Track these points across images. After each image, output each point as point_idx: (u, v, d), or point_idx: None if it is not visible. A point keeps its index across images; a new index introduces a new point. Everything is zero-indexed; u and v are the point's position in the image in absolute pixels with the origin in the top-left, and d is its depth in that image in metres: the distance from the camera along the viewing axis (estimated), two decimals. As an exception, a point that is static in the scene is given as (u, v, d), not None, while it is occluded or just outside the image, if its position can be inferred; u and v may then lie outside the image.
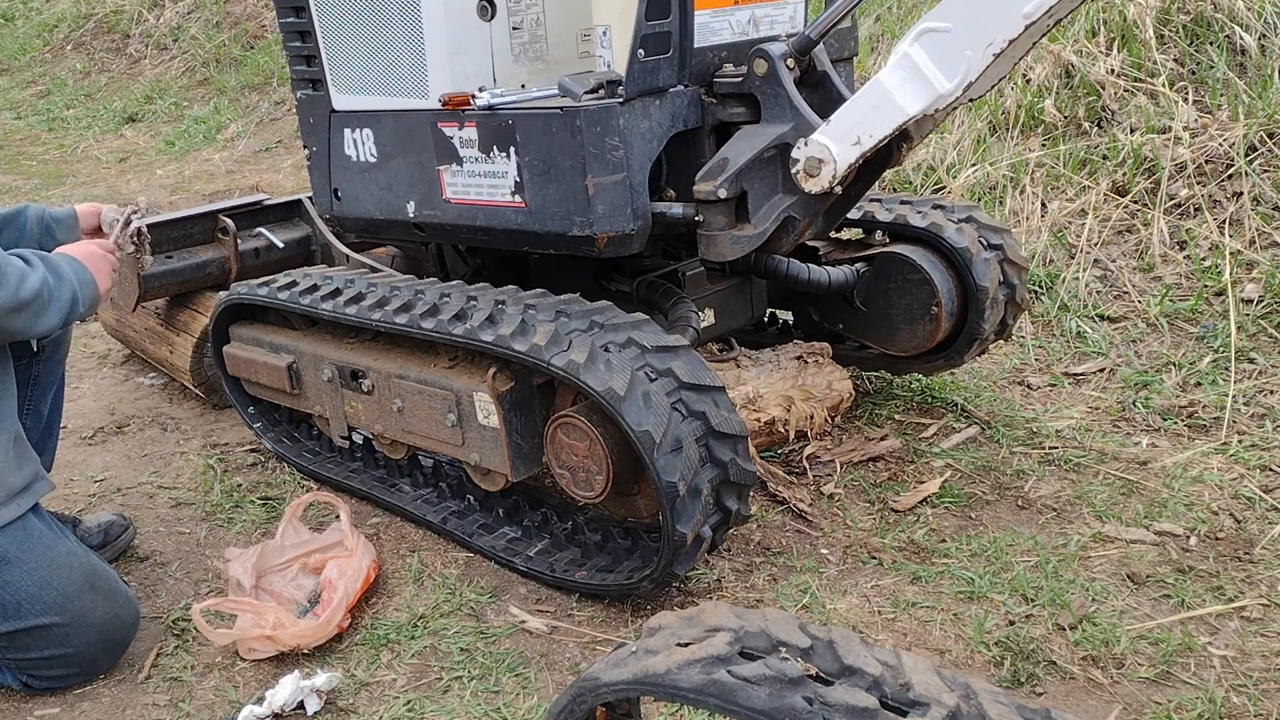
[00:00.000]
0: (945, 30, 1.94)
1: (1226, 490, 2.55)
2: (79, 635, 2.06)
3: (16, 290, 2.00)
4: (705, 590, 2.29)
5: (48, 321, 2.09)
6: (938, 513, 2.55)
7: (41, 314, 2.07)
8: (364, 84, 2.58)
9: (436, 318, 2.25)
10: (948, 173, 4.26)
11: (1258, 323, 3.26)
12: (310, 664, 2.13)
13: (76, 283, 2.16)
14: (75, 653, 2.08)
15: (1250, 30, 3.98)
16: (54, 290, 2.10)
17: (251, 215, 3.63)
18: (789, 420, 2.73)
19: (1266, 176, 3.62)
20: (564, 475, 2.18)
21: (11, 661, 2.08)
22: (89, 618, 2.08)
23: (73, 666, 2.10)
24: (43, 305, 2.06)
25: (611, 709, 1.16)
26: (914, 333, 2.79)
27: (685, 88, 2.30)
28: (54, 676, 2.10)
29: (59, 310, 2.10)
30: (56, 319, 2.11)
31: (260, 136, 7.50)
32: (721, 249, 2.30)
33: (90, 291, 2.19)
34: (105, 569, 2.17)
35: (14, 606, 2.02)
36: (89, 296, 2.18)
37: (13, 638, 2.03)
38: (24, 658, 2.06)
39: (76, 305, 2.14)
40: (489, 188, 2.40)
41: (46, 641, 2.05)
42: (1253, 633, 2.07)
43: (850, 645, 1.01)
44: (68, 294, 2.12)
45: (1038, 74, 4.28)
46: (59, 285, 2.11)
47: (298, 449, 2.98)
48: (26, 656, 2.06)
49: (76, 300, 2.14)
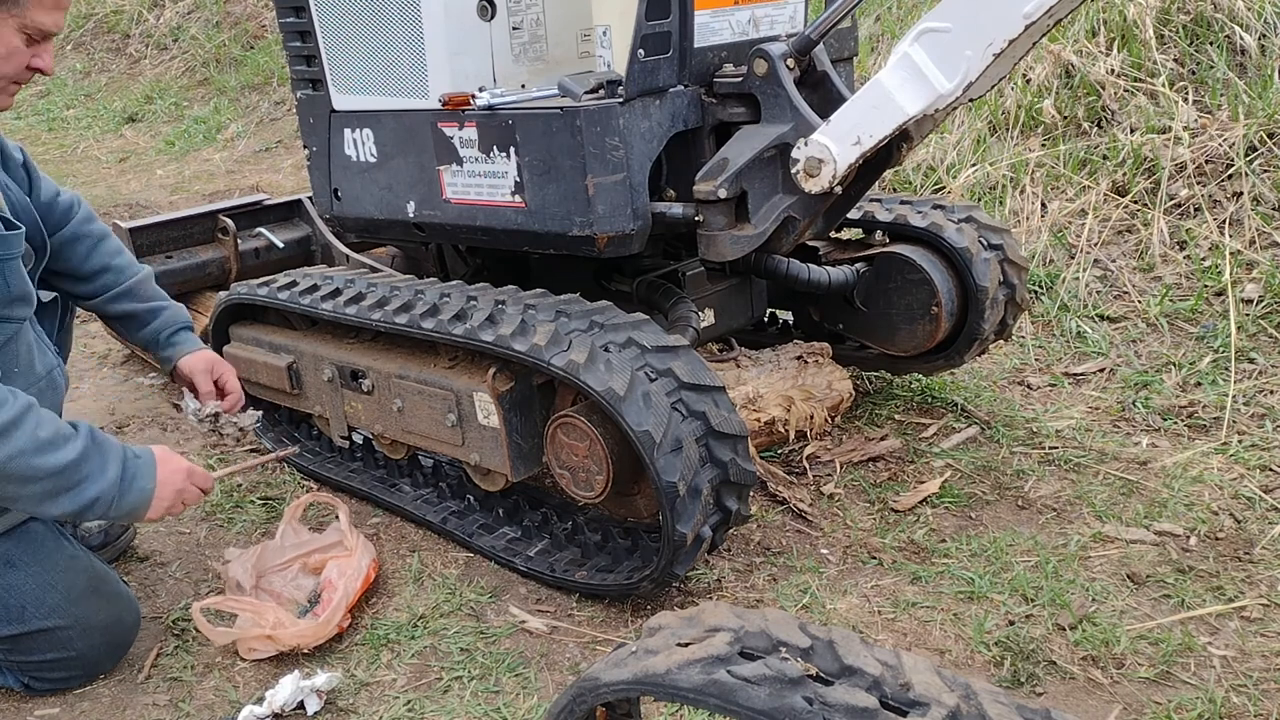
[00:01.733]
0: (945, 30, 1.94)
1: (1226, 490, 2.55)
2: (81, 638, 2.06)
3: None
4: (705, 590, 2.29)
5: (29, 506, 1.84)
6: (938, 513, 2.55)
7: (22, 494, 1.81)
8: (364, 84, 2.58)
9: (436, 318, 2.25)
10: (948, 173, 4.26)
11: (1258, 323, 3.26)
12: (310, 664, 2.13)
13: (117, 486, 1.88)
14: (77, 655, 2.07)
15: (1250, 30, 3.98)
16: (70, 479, 1.83)
17: (251, 215, 3.63)
18: (789, 420, 2.73)
19: (1266, 176, 3.62)
20: (564, 475, 2.18)
21: (14, 664, 2.08)
22: (91, 621, 2.07)
23: (75, 669, 2.10)
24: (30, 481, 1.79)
25: (611, 709, 1.16)
26: (914, 333, 2.79)
27: (685, 88, 2.30)
28: (56, 678, 2.10)
29: (63, 500, 1.84)
30: (56, 508, 1.85)
31: (260, 136, 7.50)
32: (721, 249, 2.30)
33: (131, 504, 1.92)
34: (107, 572, 2.17)
35: (18, 610, 2.01)
36: (124, 507, 1.91)
37: (16, 641, 2.03)
38: (27, 660, 2.06)
39: (95, 508, 1.87)
40: (489, 188, 2.40)
41: (49, 645, 2.04)
42: (1253, 633, 2.07)
43: (850, 645, 1.01)
44: (90, 493, 1.86)
45: (1038, 74, 4.28)
46: (84, 476, 1.85)
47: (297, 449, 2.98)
48: (29, 659, 2.06)
49: (98, 505, 1.87)
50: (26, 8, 1.87)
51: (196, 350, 2.42)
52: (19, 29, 1.89)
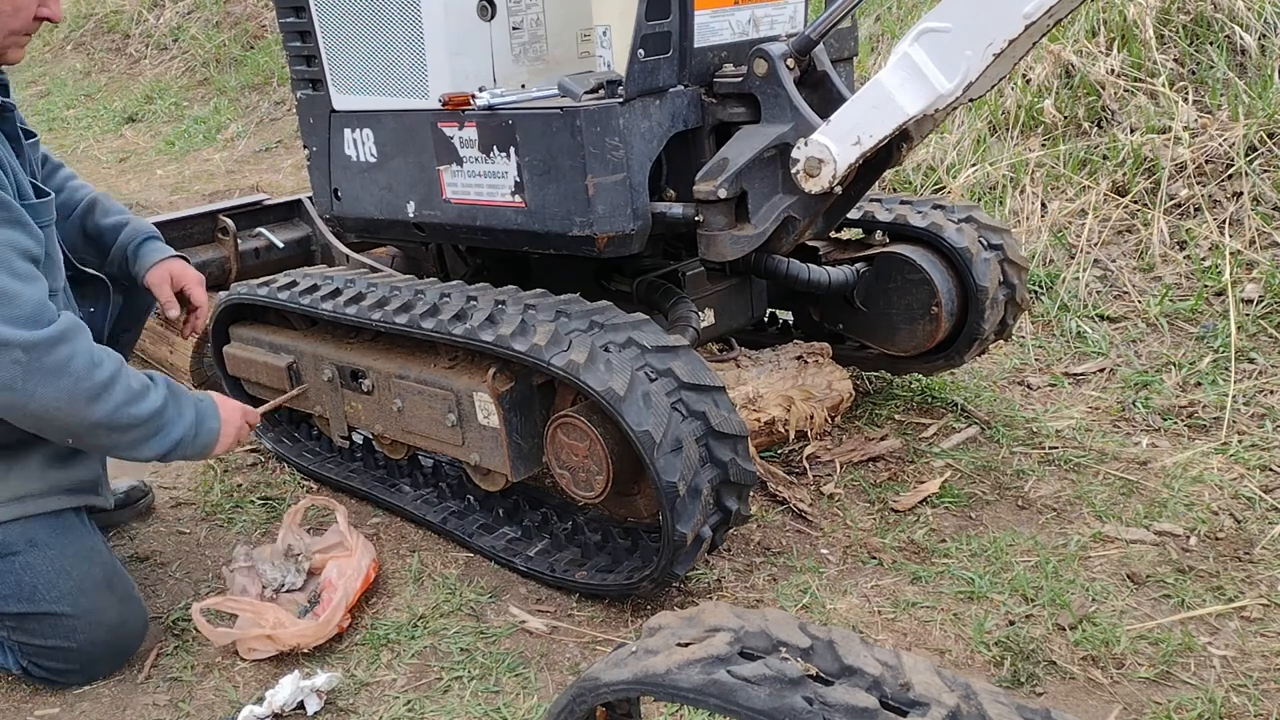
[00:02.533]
0: (945, 30, 1.94)
1: (1226, 490, 2.55)
2: (85, 631, 2.07)
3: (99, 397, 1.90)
4: (705, 590, 2.29)
5: (125, 452, 2.01)
6: (938, 513, 2.55)
7: (123, 440, 1.98)
8: (364, 84, 2.58)
9: (436, 318, 2.25)
10: (948, 173, 4.26)
11: (1258, 323, 3.26)
12: (310, 664, 2.13)
13: (194, 427, 2.08)
14: (79, 649, 2.08)
15: (1250, 30, 3.98)
16: (160, 423, 2.01)
17: (251, 215, 3.63)
18: (789, 420, 2.73)
19: (1266, 176, 3.62)
20: (564, 475, 2.18)
21: (17, 644, 2.09)
22: (99, 616, 2.08)
23: (74, 662, 2.10)
24: (131, 428, 1.97)
25: (611, 709, 1.16)
26: (914, 333, 2.79)
27: (685, 88, 2.30)
28: (53, 669, 2.10)
29: (154, 444, 2.02)
30: (149, 451, 2.02)
31: (260, 136, 7.50)
32: (721, 249, 2.30)
33: (203, 442, 2.11)
34: (124, 574, 2.19)
35: (30, 589, 2.04)
36: (198, 446, 2.10)
37: (23, 620, 2.05)
38: (29, 643, 2.07)
39: (179, 449, 2.06)
40: (489, 188, 2.40)
41: (54, 630, 2.06)
42: (1253, 633, 2.07)
43: (850, 645, 1.01)
44: (175, 434, 2.04)
45: (1038, 74, 4.28)
46: (168, 420, 2.02)
47: (298, 449, 2.98)
48: (32, 642, 2.07)
49: (181, 446, 2.06)
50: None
51: (160, 260, 2.43)
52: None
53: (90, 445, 2.01)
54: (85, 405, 1.88)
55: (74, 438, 1.94)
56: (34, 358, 1.82)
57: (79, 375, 1.87)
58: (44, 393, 1.84)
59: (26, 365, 1.82)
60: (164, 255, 2.44)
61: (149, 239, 2.45)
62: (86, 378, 1.88)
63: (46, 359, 1.84)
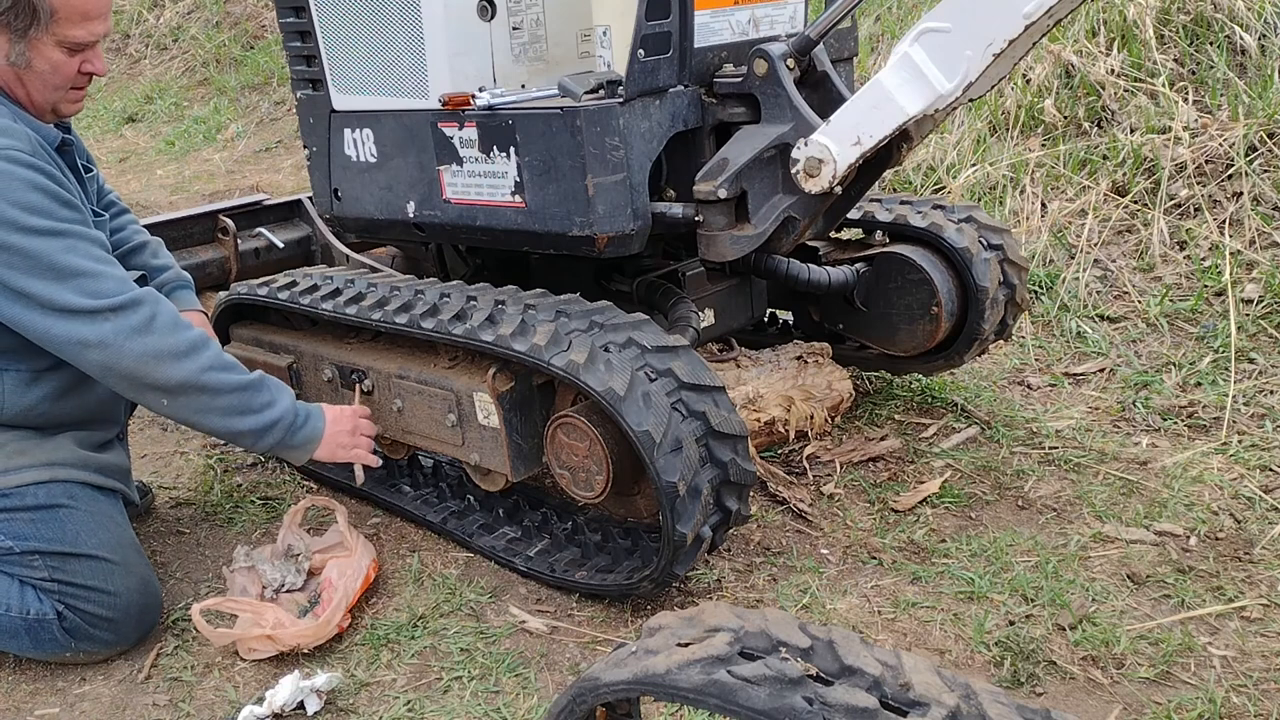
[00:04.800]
0: (945, 30, 1.94)
1: (1226, 490, 2.55)
2: (123, 579, 2.17)
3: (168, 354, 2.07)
4: (705, 590, 2.29)
5: (217, 421, 2.15)
6: (938, 513, 2.55)
7: (213, 407, 2.12)
8: (364, 84, 2.58)
9: (436, 318, 2.25)
10: (948, 173, 4.26)
11: (1258, 323, 3.26)
12: (310, 664, 2.13)
13: (294, 416, 2.22)
14: (114, 594, 2.15)
15: (1250, 30, 3.98)
16: (254, 400, 2.16)
17: (251, 215, 3.63)
18: (789, 420, 2.73)
19: (1266, 176, 3.62)
20: (564, 475, 2.18)
21: (56, 584, 2.14)
22: (133, 568, 2.21)
23: (109, 609, 2.15)
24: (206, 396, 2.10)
25: (611, 709, 1.16)
26: (914, 333, 2.79)
27: (685, 88, 2.30)
28: (89, 614, 2.14)
29: (250, 419, 2.16)
30: (244, 424, 2.16)
31: (260, 136, 7.49)
32: (721, 249, 2.30)
33: (305, 436, 2.24)
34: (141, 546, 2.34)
35: (74, 535, 2.16)
36: (298, 439, 2.23)
37: (65, 560, 2.14)
38: (70, 582, 2.14)
39: (274, 431, 2.19)
40: (489, 188, 2.40)
41: (94, 573, 2.15)
42: (1253, 633, 2.07)
43: (850, 645, 1.01)
44: (272, 415, 2.18)
45: (1038, 74, 4.28)
46: (265, 400, 2.17)
47: (298, 449, 2.98)
48: (73, 581, 2.14)
49: (277, 428, 2.19)
50: (55, 25, 2.03)
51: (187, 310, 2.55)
52: (56, 44, 2.06)
53: (187, 412, 2.12)
54: (173, 361, 2.05)
55: (169, 398, 2.08)
56: (121, 317, 2.02)
57: (164, 332, 2.06)
58: (133, 347, 2.02)
59: (115, 324, 2.01)
60: (188, 308, 2.59)
61: (182, 288, 2.63)
62: (171, 335, 2.06)
63: (132, 318, 2.03)
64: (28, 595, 2.14)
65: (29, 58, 2.03)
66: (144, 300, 2.07)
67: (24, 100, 2.10)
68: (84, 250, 2.03)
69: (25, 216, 1.96)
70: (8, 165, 1.96)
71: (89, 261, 2.03)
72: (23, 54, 2.03)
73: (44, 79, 2.08)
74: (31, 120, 2.10)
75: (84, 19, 2.05)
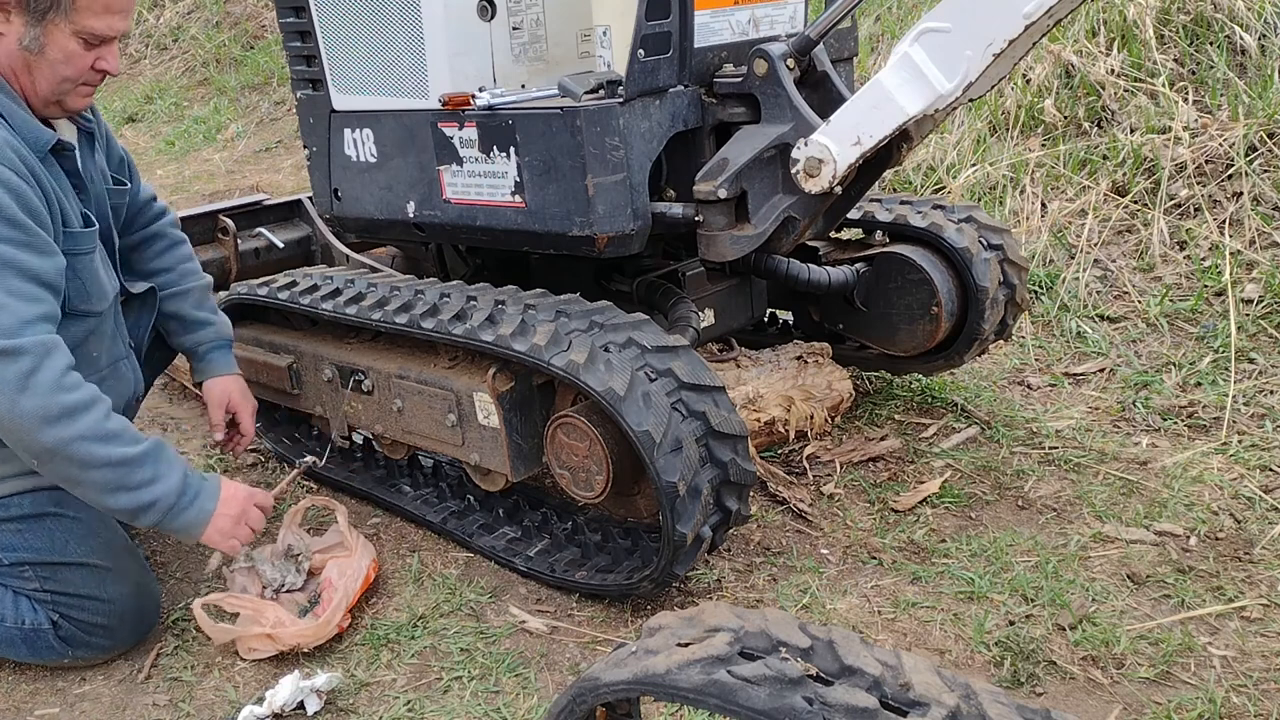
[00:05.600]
0: (945, 30, 1.94)
1: (1226, 490, 2.55)
2: (115, 585, 2.13)
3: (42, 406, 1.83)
4: (705, 590, 2.29)
5: (90, 493, 1.94)
6: (938, 513, 2.55)
7: (83, 479, 1.91)
8: (364, 84, 2.58)
9: (436, 318, 2.25)
10: (948, 173, 4.26)
11: (1258, 323, 3.26)
12: (310, 664, 2.13)
13: (177, 497, 1.99)
14: (108, 600, 2.13)
15: (1250, 30, 3.98)
16: (132, 478, 1.93)
17: (251, 215, 3.63)
18: (789, 420, 2.73)
19: (1266, 176, 3.62)
20: (564, 475, 2.18)
21: (48, 594, 2.12)
22: (126, 573, 2.16)
23: (103, 615, 2.13)
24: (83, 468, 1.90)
25: (611, 709, 1.16)
26: (914, 333, 2.79)
27: (685, 88, 2.30)
28: (84, 622, 2.12)
29: (122, 496, 1.93)
30: (116, 502, 1.94)
31: (260, 136, 7.49)
32: (721, 249, 2.30)
33: (189, 520, 2.02)
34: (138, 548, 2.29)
35: (63, 543, 2.11)
36: (181, 520, 2.01)
37: (56, 570, 2.10)
38: (63, 592, 2.11)
39: (152, 511, 1.97)
40: (489, 188, 2.40)
41: (86, 581, 2.11)
42: (1253, 633, 2.07)
43: (850, 645, 1.01)
44: (150, 496, 1.95)
45: (1038, 74, 4.28)
46: (146, 478, 1.95)
47: (298, 449, 2.98)
48: (65, 591, 2.11)
49: (155, 508, 1.97)
50: (75, 13, 1.95)
51: (222, 375, 2.49)
52: (73, 34, 1.97)
53: (56, 476, 1.94)
54: (41, 425, 1.84)
55: (37, 460, 1.90)
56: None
57: (40, 391, 1.83)
58: (1, 402, 1.82)
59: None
60: (228, 371, 2.50)
61: (219, 347, 2.50)
62: (48, 396, 1.84)
63: (8, 368, 1.82)
64: (22, 605, 2.12)
65: (43, 43, 1.94)
66: (28, 351, 1.84)
67: (27, 90, 2.00)
68: (1, 275, 1.85)
69: None
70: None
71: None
72: (37, 39, 1.94)
73: (55, 68, 1.98)
74: (24, 119, 1.99)
75: (106, 11, 1.98)
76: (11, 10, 1.92)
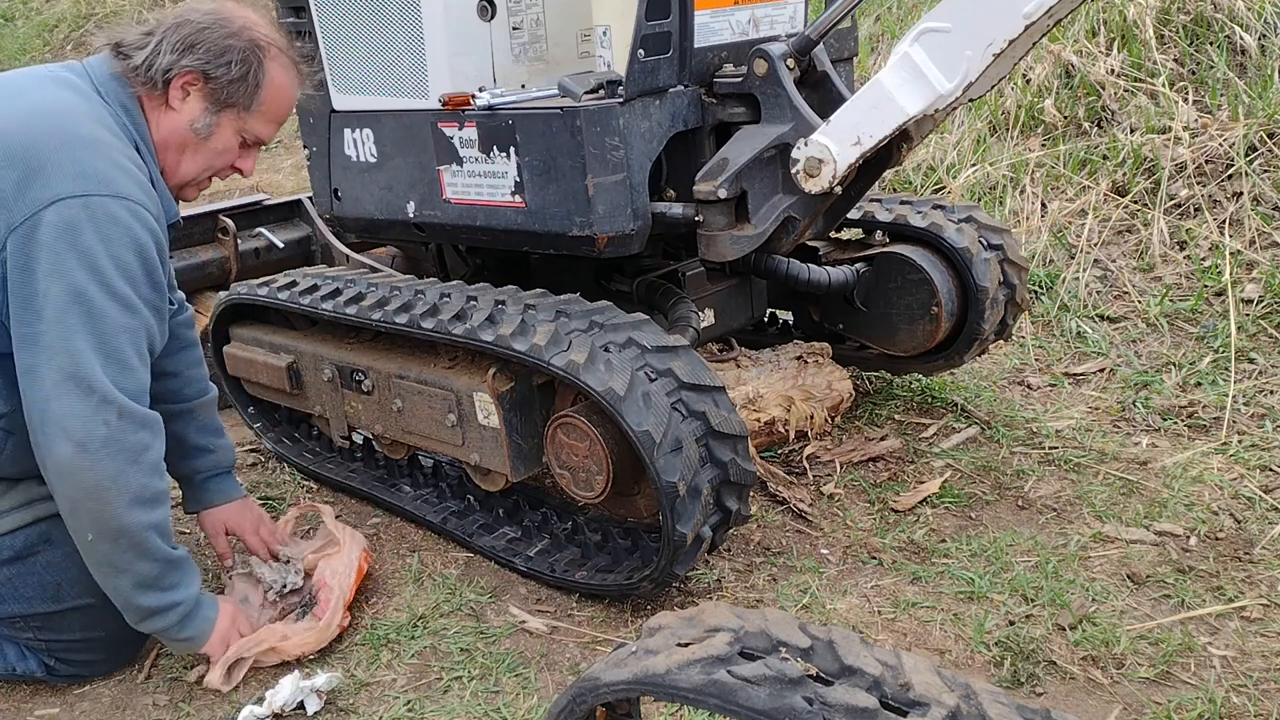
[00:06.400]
0: (945, 30, 1.94)
1: (1226, 490, 2.55)
2: (113, 619, 2.06)
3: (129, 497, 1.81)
4: (705, 590, 2.29)
5: (125, 582, 1.90)
6: (938, 513, 2.55)
7: (131, 568, 1.88)
8: (364, 84, 2.58)
9: (436, 318, 2.25)
10: (948, 173, 4.26)
11: (1258, 323, 3.26)
12: (310, 664, 2.13)
13: (193, 604, 1.98)
14: (106, 636, 2.09)
15: (1250, 30, 3.98)
16: (169, 578, 1.92)
17: (251, 215, 3.63)
18: (789, 420, 2.73)
19: (1266, 176, 3.62)
20: (564, 475, 2.18)
21: (43, 643, 2.09)
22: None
23: (101, 652, 2.11)
24: (116, 556, 1.86)
25: (611, 709, 1.16)
26: (914, 333, 2.79)
27: (685, 88, 2.30)
28: (81, 661, 2.11)
29: (153, 594, 1.92)
30: (144, 598, 1.92)
31: (260, 136, 7.49)
32: (721, 249, 2.30)
33: (195, 628, 2.00)
34: None
35: (54, 588, 2.04)
36: (188, 629, 1.99)
37: (49, 619, 2.06)
38: (57, 640, 2.08)
39: (169, 615, 1.95)
40: (489, 188, 2.40)
41: (81, 623, 2.07)
42: (1253, 633, 2.07)
43: (850, 645, 1.01)
44: (175, 597, 1.94)
45: (1038, 74, 4.28)
46: (177, 580, 1.94)
47: (298, 449, 2.98)
48: (60, 639, 2.08)
49: (173, 612, 1.95)
50: (253, 115, 2.01)
51: (220, 505, 2.38)
52: (237, 131, 2.02)
53: (103, 557, 1.89)
54: (132, 503, 1.83)
55: (97, 534, 1.85)
56: (121, 428, 1.80)
57: (146, 469, 1.84)
58: (107, 466, 1.80)
59: (110, 432, 1.79)
60: (224, 501, 2.38)
61: (217, 475, 2.38)
62: (148, 478, 1.85)
63: (130, 437, 1.82)
64: (10, 654, 2.10)
65: (213, 131, 1.98)
66: (150, 425, 1.87)
67: (171, 167, 2.01)
68: (139, 338, 1.86)
69: (114, 275, 1.80)
70: (128, 218, 1.82)
71: (133, 352, 1.85)
72: (209, 126, 1.98)
73: (210, 157, 2.02)
74: (163, 189, 2.00)
75: (275, 121, 2.05)
76: (194, 92, 1.95)
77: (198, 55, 1.94)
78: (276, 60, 2.03)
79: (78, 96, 1.91)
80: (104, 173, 1.81)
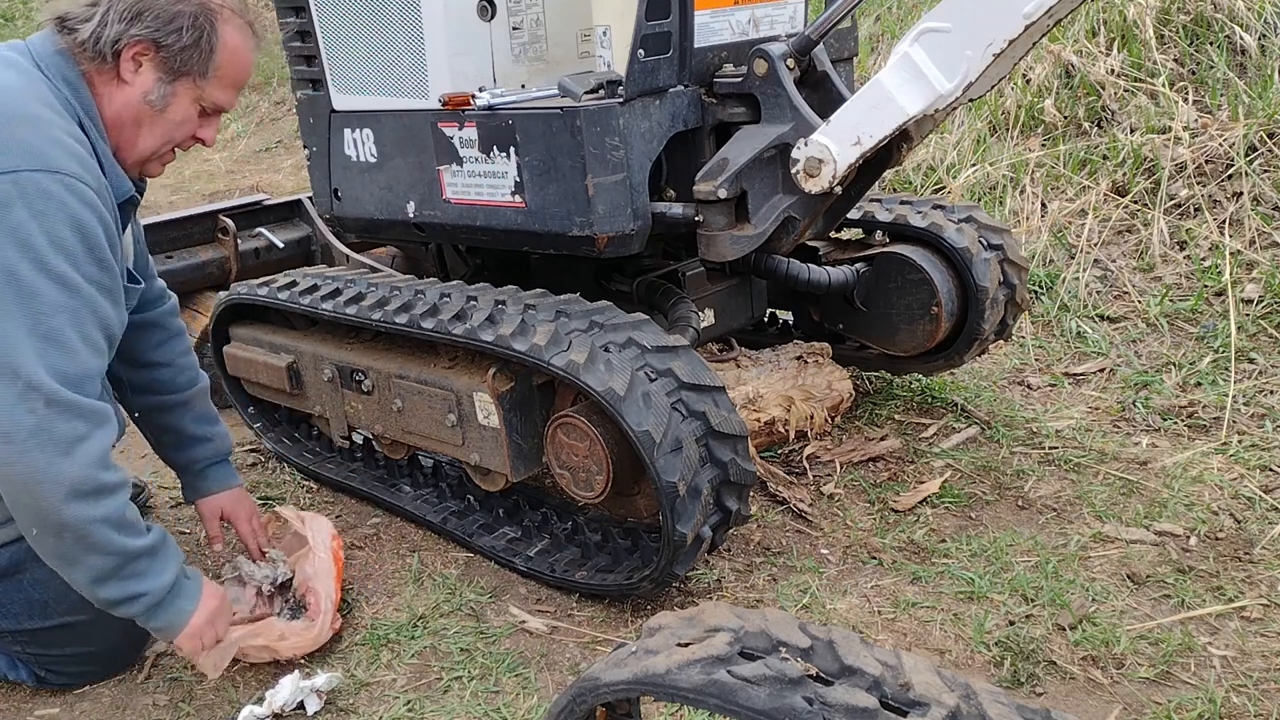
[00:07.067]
0: (945, 30, 1.94)
1: (1226, 490, 2.55)
2: (102, 635, 2.06)
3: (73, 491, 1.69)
4: (705, 590, 2.29)
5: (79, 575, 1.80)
6: (938, 513, 2.55)
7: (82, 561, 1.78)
8: (364, 84, 2.58)
9: (436, 318, 2.25)
10: (948, 173, 4.26)
11: (1258, 323, 3.26)
12: (310, 664, 2.13)
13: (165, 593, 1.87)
14: (96, 650, 2.08)
15: (1250, 30, 3.98)
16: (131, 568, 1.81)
17: (251, 215, 3.63)
18: (789, 420, 2.73)
19: (1266, 176, 3.62)
20: (564, 475, 2.18)
21: (32, 656, 2.08)
22: (110, 619, 1.98)
23: (91, 664, 2.10)
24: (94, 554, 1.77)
25: (611, 709, 1.16)
26: (914, 333, 2.79)
27: (685, 88, 2.30)
28: (73, 672, 2.10)
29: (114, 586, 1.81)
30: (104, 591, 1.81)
31: (260, 136, 7.50)
32: (721, 249, 2.30)
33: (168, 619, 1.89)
34: None
35: (41, 605, 2.01)
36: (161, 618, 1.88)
37: (37, 635, 2.04)
38: (45, 654, 2.07)
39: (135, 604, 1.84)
40: (489, 188, 2.40)
41: (70, 639, 2.05)
42: (1253, 633, 2.07)
43: (850, 645, 1.01)
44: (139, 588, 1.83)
45: (1038, 74, 4.28)
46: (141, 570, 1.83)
47: (298, 449, 2.98)
48: (48, 653, 2.06)
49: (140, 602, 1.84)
50: (210, 82, 1.91)
51: (218, 493, 2.35)
52: (195, 99, 1.92)
53: (51, 551, 1.79)
54: (69, 496, 1.70)
55: (39, 529, 1.75)
56: (49, 417, 1.68)
57: (82, 462, 1.71)
58: (35, 458, 1.68)
59: (38, 421, 1.67)
60: (221, 489, 2.35)
61: (215, 464, 2.35)
62: (88, 469, 1.72)
63: (60, 426, 1.70)
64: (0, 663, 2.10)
65: (169, 102, 1.89)
66: (86, 413, 1.73)
67: (126, 143, 1.92)
68: (82, 320, 1.74)
69: (48, 252, 1.70)
70: (63, 192, 1.72)
71: (75, 335, 1.73)
72: (164, 97, 1.88)
73: (168, 129, 1.92)
74: (112, 167, 1.90)
75: (233, 86, 1.95)
76: (145, 63, 1.86)
77: (146, 23, 1.83)
78: (230, 23, 1.91)
79: (15, 73, 1.83)
80: (37, 147, 1.73)
